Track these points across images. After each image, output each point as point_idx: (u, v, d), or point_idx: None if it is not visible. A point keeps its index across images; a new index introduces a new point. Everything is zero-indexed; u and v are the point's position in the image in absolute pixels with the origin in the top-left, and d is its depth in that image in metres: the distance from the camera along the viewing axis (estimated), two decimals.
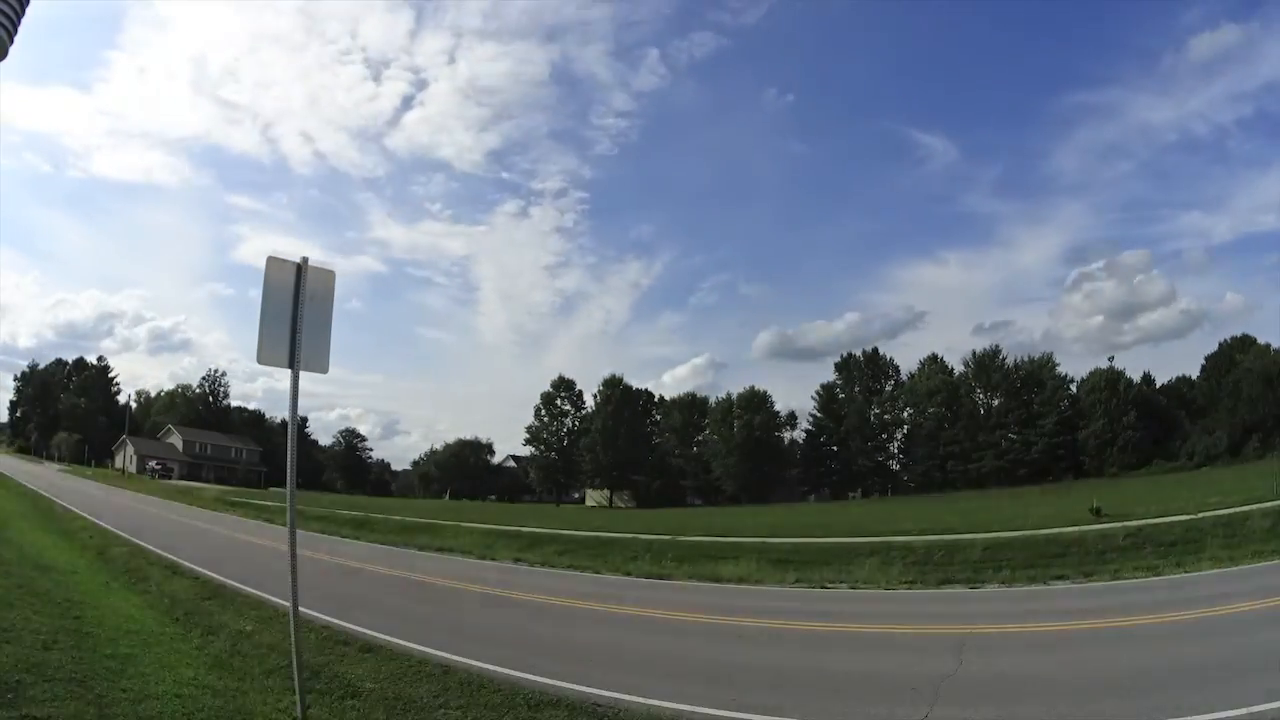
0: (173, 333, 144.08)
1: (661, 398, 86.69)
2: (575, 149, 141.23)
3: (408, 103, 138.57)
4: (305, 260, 5.57)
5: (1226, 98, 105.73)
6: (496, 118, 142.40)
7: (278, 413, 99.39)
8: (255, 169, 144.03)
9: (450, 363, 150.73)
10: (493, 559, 18.60)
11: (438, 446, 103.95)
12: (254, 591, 10.96)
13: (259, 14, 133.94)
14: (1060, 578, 14.10)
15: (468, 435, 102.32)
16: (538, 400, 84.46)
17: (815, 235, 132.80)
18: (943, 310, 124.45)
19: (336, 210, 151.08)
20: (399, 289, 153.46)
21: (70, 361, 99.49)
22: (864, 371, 77.34)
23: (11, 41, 4.06)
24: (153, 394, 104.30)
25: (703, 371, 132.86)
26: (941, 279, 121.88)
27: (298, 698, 5.43)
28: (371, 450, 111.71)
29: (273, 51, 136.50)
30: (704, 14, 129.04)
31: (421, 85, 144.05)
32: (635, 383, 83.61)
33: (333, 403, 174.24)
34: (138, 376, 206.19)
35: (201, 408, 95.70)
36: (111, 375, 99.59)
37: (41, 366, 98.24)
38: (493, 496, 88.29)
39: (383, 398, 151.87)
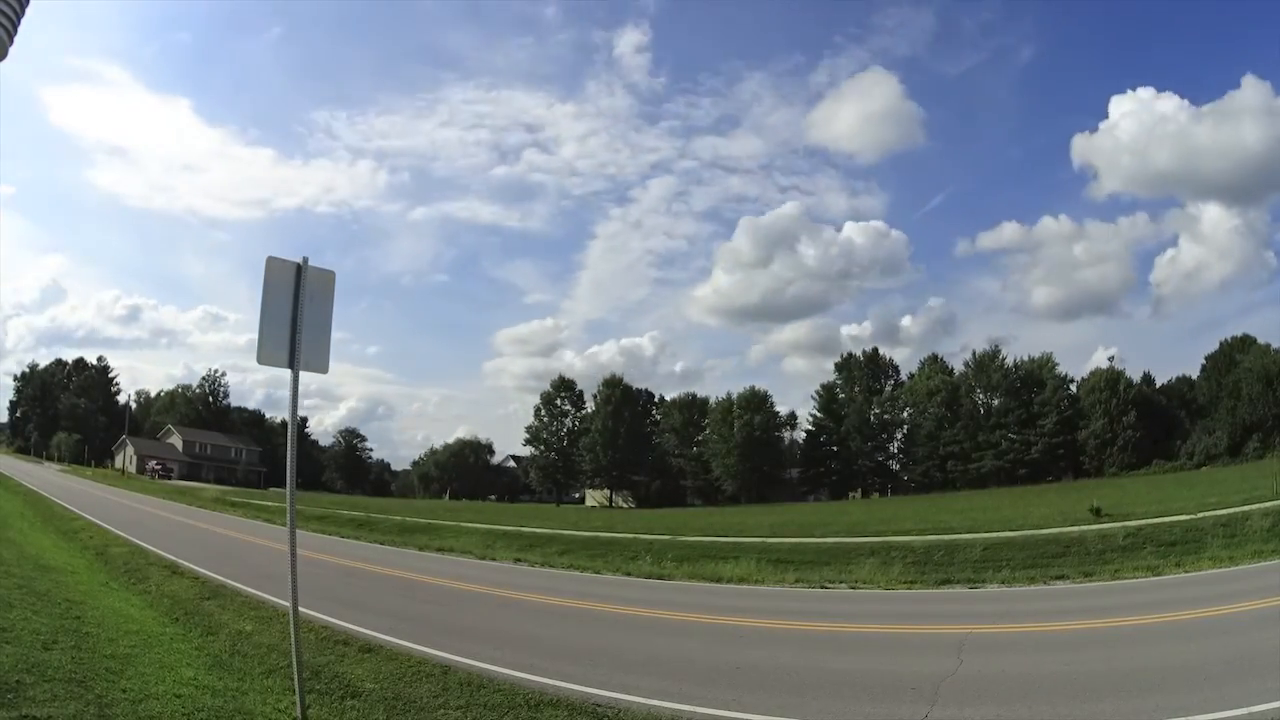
0: None
1: (662, 397, 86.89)
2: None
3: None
4: (305, 260, 5.58)
5: None
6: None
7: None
8: None
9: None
10: (493, 559, 18.61)
11: (438, 446, 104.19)
12: (253, 591, 10.97)
13: None
14: (1060, 577, 14.10)
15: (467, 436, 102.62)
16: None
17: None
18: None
19: None
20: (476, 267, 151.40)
21: (70, 362, 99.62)
22: (864, 371, 77.36)
23: (11, 42, 4.06)
24: (153, 394, 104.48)
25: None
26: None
27: (298, 698, 5.43)
28: (372, 450, 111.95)
29: None
30: None
31: None
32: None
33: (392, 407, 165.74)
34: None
35: (201, 408, 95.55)
36: (111, 375, 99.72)
37: (41, 367, 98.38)
38: (492, 496, 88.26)
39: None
